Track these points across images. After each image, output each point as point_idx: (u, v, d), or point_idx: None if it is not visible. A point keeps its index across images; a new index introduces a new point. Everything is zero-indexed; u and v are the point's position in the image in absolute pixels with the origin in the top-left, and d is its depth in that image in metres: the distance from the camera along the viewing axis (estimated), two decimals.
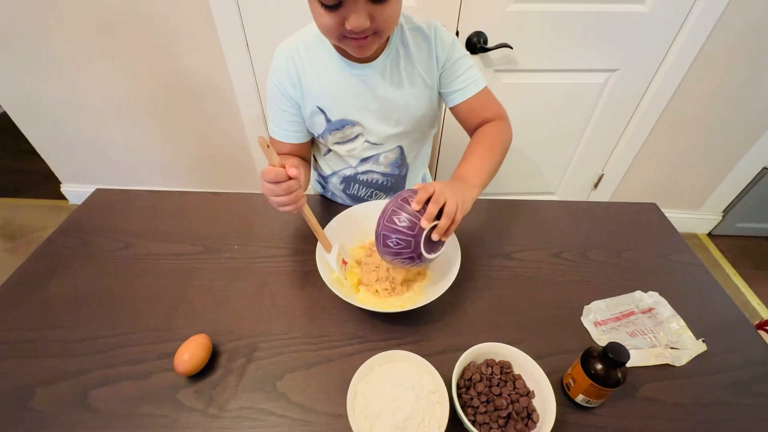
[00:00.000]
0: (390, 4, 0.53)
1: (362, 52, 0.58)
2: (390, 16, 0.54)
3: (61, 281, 0.64)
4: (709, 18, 1.13)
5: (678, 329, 0.58)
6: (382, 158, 0.76)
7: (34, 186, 1.96)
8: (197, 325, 0.57)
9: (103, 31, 1.26)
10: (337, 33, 0.54)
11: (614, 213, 0.81)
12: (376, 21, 0.52)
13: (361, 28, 0.51)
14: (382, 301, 0.60)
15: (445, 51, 0.68)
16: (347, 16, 0.51)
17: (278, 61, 0.67)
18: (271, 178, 0.52)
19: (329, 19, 0.52)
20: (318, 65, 0.65)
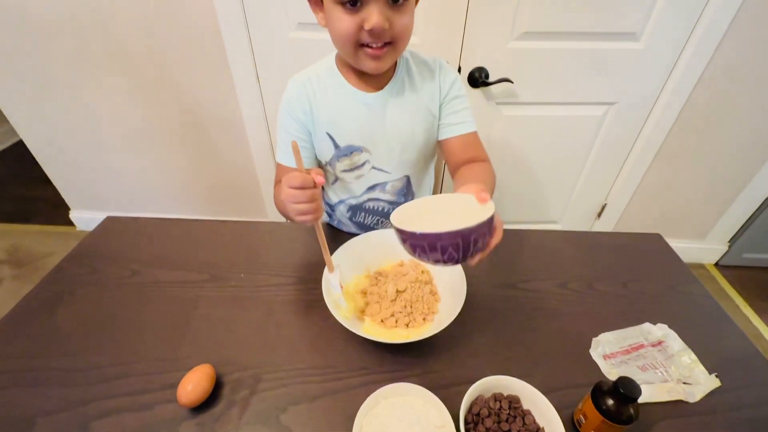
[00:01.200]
0: (407, 12, 0.57)
1: (377, 63, 0.60)
2: (406, 25, 0.58)
3: (68, 308, 0.65)
4: (703, 54, 1.17)
5: (690, 363, 0.57)
6: (389, 186, 0.78)
7: (43, 212, 2.00)
8: (201, 355, 0.57)
9: (121, 65, 1.32)
10: (355, 39, 0.57)
11: (619, 243, 0.81)
12: (393, 28, 0.56)
13: (380, 27, 0.54)
14: (387, 332, 0.60)
15: (448, 85, 0.72)
16: (367, 18, 0.54)
17: (291, 89, 0.71)
18: (297, 184, 0.51)
19: (349, 21, 0.55)
20: (328, 94, 0.69)
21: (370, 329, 0.60)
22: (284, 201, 0.54)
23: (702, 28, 1.12)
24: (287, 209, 0.55)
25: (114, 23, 1.23)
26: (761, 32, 1.13)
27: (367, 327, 0.61)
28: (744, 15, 1.10)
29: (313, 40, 1.18)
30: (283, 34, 1.19)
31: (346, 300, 0.62)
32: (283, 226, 0.84)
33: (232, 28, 1.19)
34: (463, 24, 1.12)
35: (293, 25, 1.17)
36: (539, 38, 1.15)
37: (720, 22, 1.11)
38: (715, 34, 1.13)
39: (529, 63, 1.19)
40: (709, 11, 1.10)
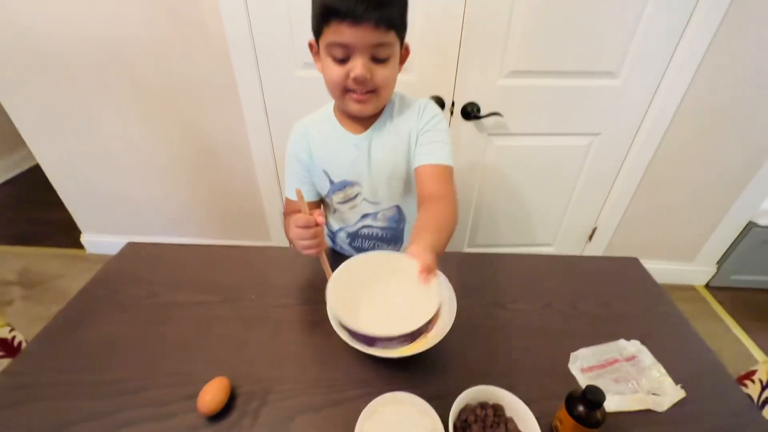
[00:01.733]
0: (387, 67, 0.66)
1: (361, 107, 0.70)
2: (386, 77, 0.66)
3: (93, 327, 0.71)
4: (678, 90, 1.27)
5: (659, 376, 0.62)
6: (380, 215, 0.85)
7: (55, 235, 2.07)
8: (216, 369, 0.63)
9: (138, 96, 1.42)
10: (343, 85, 0.66)
11: (600, 267, 0.88)
12: (374, 78, 0.65)
13: (363, 76, 0.63)
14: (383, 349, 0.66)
15: (426, 119, 0.76)
16: (353, 68, 0.63)
17: (295, 133, 0.81)
18: (302, 224, 0.61)
19: (338, 71, 0.65)
20: (324, 137, 0.79)
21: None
22: (292, 238, 0.64)
23: (675, 66, 1.23)
24: (295, 244, 0.65)
25: (133, 58, 1.34)
26: (730, 70, 1.23)
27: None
28: (712, 55, 1.20)
29: (317, 78, 1.24)
30: (290, 72, 1.30)
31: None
32: (290, 251, 0.91)
33: (244, 66, 1.30)
34: (456, 63, 1.23)
35: (300, 64, 1.28)
36: (525, 76, 1.25)
37: (691, 61, 1.21)
38: (687, 71, 1.23)
39: (517, 98, 1.30)
40: (680, 52, 1.20)
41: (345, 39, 0.61)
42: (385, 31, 0.61)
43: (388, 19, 0.61)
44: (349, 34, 0.60)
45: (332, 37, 0.62)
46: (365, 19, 0.59)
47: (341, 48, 0.62)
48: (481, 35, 1.18)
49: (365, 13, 0.58)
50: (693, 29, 1.16)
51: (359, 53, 0.63)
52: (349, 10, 0.58)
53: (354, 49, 0.62)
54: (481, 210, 1.59)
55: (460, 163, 1.44)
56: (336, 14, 0.59)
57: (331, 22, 0.60)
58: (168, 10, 1.23)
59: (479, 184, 1.51)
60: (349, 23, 0.59)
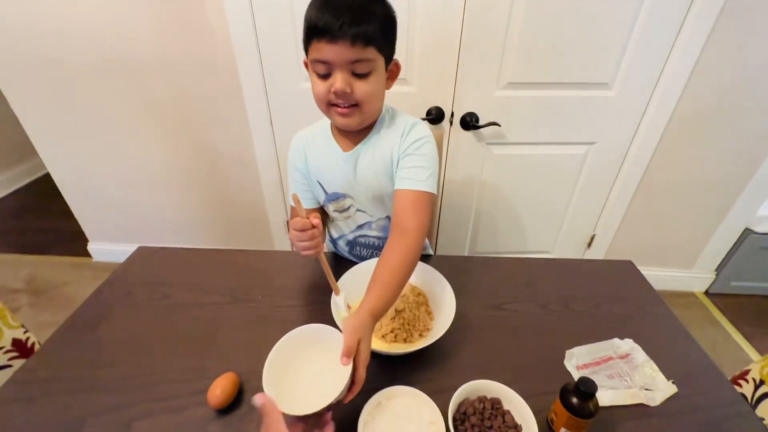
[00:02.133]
0: (369, 82, 0.68)
1: (345, 121, 0.71)
2: (368, 92, 0.68)
3: (108, 326, 0.74)
4: (671, 97, 1.31)
5: (651, 373, 0.65)
6: (374, 225, 0.89)
7: (62, 244, 2.10)
8: (225, 366, 0.65)
9: (148, 108, 1.47)
10: (326, 99, 0.70)
11: (595, 270, 0.91)
12: (355, 93, 0.68)
13: (342, 91, 0.66)
14: (387, 346, 0.69)
15: (410, 142, 0.76)
16: (334, 82, 0.67)
17: (294, 144, 0.86)
18: (298, 227, 0.64)
19: (322, 86, 0.68)
20: (318, 150, 0.82)
21: (372, 344, 0.69)
22: (291, 240, 0.67)
23: (667, 76, 1.27)
24: (295, 246, 0.69)
25: (144, 71, 1.39)
26: (721, 78, 1.27)
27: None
28: (704, 64, 1.24)
29: None
30: (294, 85, 1.35)
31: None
32: (294, 255, 0.94)
33: (251, 79, 1.35)
34: (455, 75, 1.28)
35: (304, 77, 1.33)
36: (522, 87, 1.30)
37: (683, 71, 1.25)
38: (679, 81, 1.27)
39: (515, 108, 1.34)
40: (672, 62, 1.24)
41: (324, 56, 0.65)
42: (363, 48, 0.64)
43: (364, 35, 0.63)
44: (327, 50, 0.64)
45: (314, 54, 0.66)
46: (341, 35, 0.62)
47: (322, 64, 0.66)
48: (478, 48, 1.23)
49: (341, 30, 0.62)
50: (684, 39, 1.20)
51: (339, 69, 0.66)
52: (326, 28, 0.62)
53: (334, 65, 0.66)
54: (481, 218, 1.62)
55: (459, 172, 1.49)
56: (316, 32, 0.63)
57: (312, 40, 0.65)
58: (178, 25, 1.29)
59: (478, 192, 1.54)
60: (327, 40, 0.63)
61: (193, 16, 1.27)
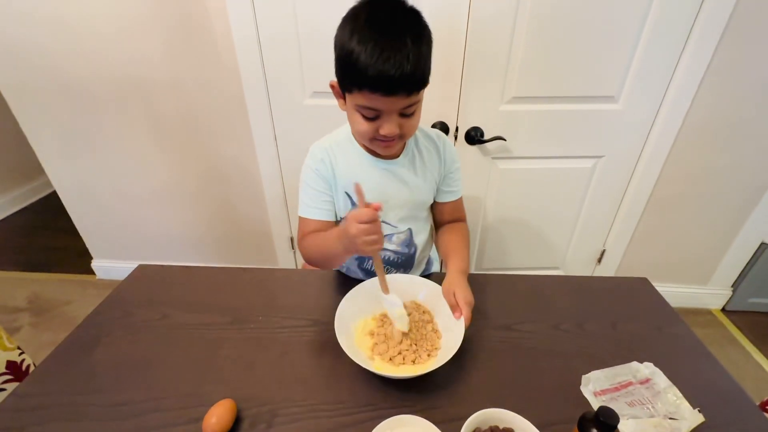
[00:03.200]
0: (415, 117, 0.69)
1: (388, 151, 0.75)
2: (414, 125, 0.71)
3: (104, 348, 0.71)
4: (680, 109, 1.29)
5: (675, 400, 0.61)
6: (395, 238, 0.87)
7: (66, 261, 2.10)
8: (224, 391, 0.62)
9: (154, 125, 1.48)
10: (370, 137, 0.70)
11: (609, 287, 0.87)
12: (403, 129, 0.68)
13: (393, 135, 0.67)
14: (395, 368, 0.65)
15: (450, 160, 0.86)
16: (382, 125, 0.67)
17: (317, 153, 0.81)
18: (367, 218, 0.59)
19: (367, 126, 0.68)
20: (348, 159, 0.80)
21: (379, 367, 0.65)
22: (355, 236, 0.61)
23: (674, 88, 1.25)
24: (356, 244, 0.62)
25: (151, 89, 1.40)
26: (731, 89, 1.25)
27: (377, 365, 0.66)
28: (712, 75, 1.23)
29: (325, 106, 1.33)
30: (299, 101, 1.35)
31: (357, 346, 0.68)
32: (297, 273, 0.92)
33: (256, 96, 1.35)
34: (459, 90, 1.27)
35: (308, 93, 1.33)
36: (526, 102, 1.29)
37: (690, 83, 1.24)
38: (687, 93, 1.26)
39: (520, 122, 1.33)
40: (679, 73, 1.23)
41: (375, 105, 0.64)
42: (417, 93, 0.65)
43: (421, 84, 0.64)
44: (379, 102, 0.63)
45: (363, 101, 0.64)
46: (398, 90, 0.62)
47: (371, 111, 0.65)
48: (482, 63, 1.22)
49: (398, 86, 0.61)
50: (690, 51, 1.19)
51: (389, 115, 0.66)
52: (382, 84, 0.61)
53: (384, 111, 0.65)
54: (488, 233, 1.59)
55: (465, 187, 1.45)
56: (367, 83, 0.61)
57: (362, 90, 0.63)
58: (187, 46, 1.31)
59: (485, 207, 1.52)
60: (382, 94, 0.62)
61: (202, 38, 1.29)
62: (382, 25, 0.60)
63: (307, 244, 0.80)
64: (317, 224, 0.82)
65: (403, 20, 0.63)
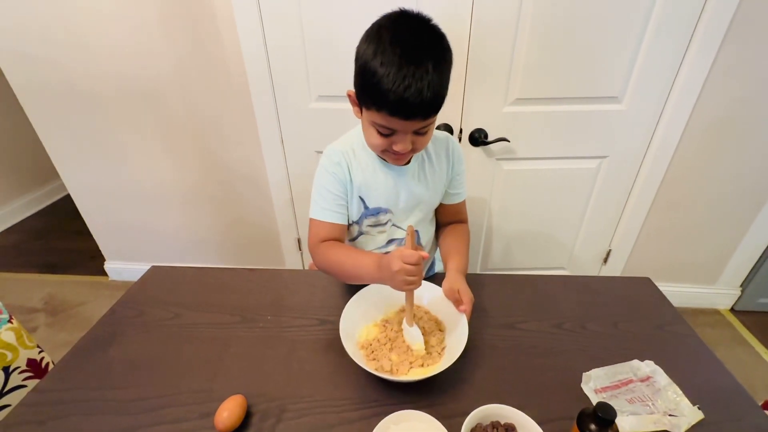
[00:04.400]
0: (428, 135, 0.71)
1: (399, 162, 0.78)
2: (426, 142, 0.73)
3: (119, 347, 0.74)
4: (684, 109, 1.28)
5: (675, 397, 0.61)
6: (404, 242, 0.89)
7: (80, 263, 2.15)
8: (234, 388, 0.65)
9: (164, 130, 1.51)
10: (382, 149, 0.72)
11: (611, 287, 0.88)
12: (415, 145, 0.71)
13: (405, 151, 0.69)
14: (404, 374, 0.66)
15: (457, 163, 0.89)
16: (396, 142, 0.69)
17: (333, 156, 0.81)
18: (415, 261, 0.62)
19: (381, 141, 0.70)
20: (362, 165, 0.81)
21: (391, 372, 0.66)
22: (396, 272, 0.63)
23: (679, 88, 1.25)
24: (394, 280, 0.65)
25: (160, 94, 1.43)
26: (736, 87, 1.25)
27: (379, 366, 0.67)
28: (717, 73, 1.22)
29: (331, 110, 1.35)
30: (305, 105, 1.37)
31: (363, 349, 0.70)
32: (303, 274, 0.94)
33: (263, 101, 1.38)
34: (462, 92, 1.28)
35: (314, 97, 1.35)
36: (530, 103, 1.30)
37: (695, 82, 1.23)
38: (691, 92, 1.25)
39: (523, 124, 1.33)
40: (682, 75, 1.23)
41: (392, 126, 0.66)
42: (433, 116, 0.67)
43: (438, 107, 0.65)
44: (397, 124, 0.65)
45: (380, 120, 0.66)
46: (418, 115, 0.64)
47: (387, 129, 0.67)
48: (485, 65, 1.23)
49: (418, 111, 0.63)
50: (694, 51, 1.19)
51: (403, 134, 0.68)
52: (403, 110, 0.62)
53: (399, 131, 0.67)
54: (492, 234, 1.60)
55: (469, 189, 1.45)
56: (387, 106, 0.62)
57: (381, 110, 0.64)
58: (192, 49, 1.34)
59: (489, 208, 1.53)
60: (400, 117, 0.64)
61: (210, 42, 1.32)
62: (405, 48, 0.60)
63: (327, 253, 0.78)
64: (331, 228, 0.81)
65: (427, 43, 0.63)
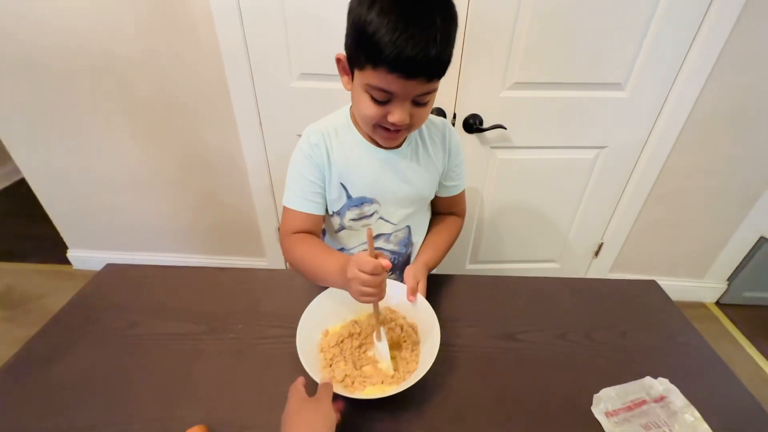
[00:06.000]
0: (427, 107, 0.62)
1: (390, 142, 0.67)
2: (424, 116, 0.64)
3: (63, 363, 0.64)
4: (686, 102, 1.23)
5: (693, 421, 0.56)
6: (393, 237, 0.80)
7: (40, 251, 1.99)
8: (197, 414, 0.56)
9: (129, 109, 1.37)
10: (375, 122, 0.62)
11: (615, 291, 0.82)
12: (412, 119, 0.61)
13: (403, 123, 0.59)
14: (380, 389, 0.59)
15: (454, 151, 0.79)
16: (392, 111, 0.59)
17: (311, 137, 0.71)
18: (370, 270, 0.53)
19: (375, 110, 0.60)
20: (345, 147, 0.71)
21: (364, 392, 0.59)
22: (350, 280, 0.55)
23: (683, 78, 1.19)
24: (350, 288, 0.57)
25: (123, 68, 1.29)
26: (741, 80, 1.19)
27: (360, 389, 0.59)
28: (722, 65, 1.16)
29: (314, 89, 1.23)
30: (285, 83, 1.25)
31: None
32: (281, 274, 0.85)
33: (238, 77, 1.25)
34: (457, 75, 1.18)
35: (296, 75, 1.23)
36: (529, 88, 1.21)
37: (700, 72, 1.17)
38: (696, 82, 1.19)
39: (521, 110, 1.25)
40: (688, 63, 1.16)
41: (390, 88, 0.56)
42: (436, 81, 0.57)
43: (443, 69, 0.56)
44: (395, 84, 0.55)
45: (376, 81, 0.56)
46: (419, 74, 0.54)
47: (384, 93, 0.57)
48: (483, 46, 1.13)
49: (420, 69, 0.53)
50: (702, 38, 1.12)
51: (401, 101, 0.58)
52: (404, 65, 0.52)
53: (397, 96, 0.57)
54: (484, 225, 1.53)
55: None
56: (384, 62, 0.53)
57: (377, 67, 0.54)
58: (159, 19, 1.19)
59: (482, 198, 1.45)
60: (399, 76, 0.54)
61: (177, 9, 1.17)
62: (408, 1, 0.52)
63: (294, 249, 0.71)
64: (304, 218, 0.73)
65: None
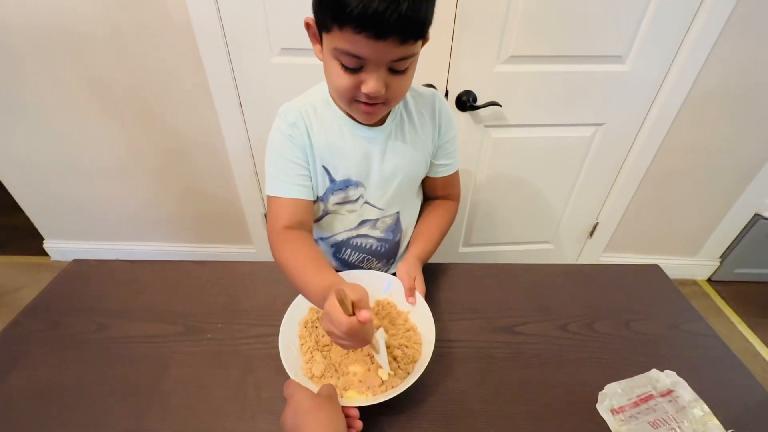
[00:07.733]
0: (406, 77, 0.55)
1: (369, 118, 0.60)
2: (403, 88, 0.57)
3: (23, 372, 0.58)
4: (688, 76, 1.18)
5: (702, 416, 0.53)
6: (380, 223, 0.75)
7: (15, 242, 1.89)
8: (171, 426, 0.51)
9: (96, 91, 1.27)
10: (350, 96, 0.55)
11: (616, 277, 0.78)
12: (390, 90, 0.54)
13: (378, 93, 0.52)
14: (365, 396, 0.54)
15: (445, 126, 0.72)
16: (365, 81, 0.52)
17: (289, 117, 0.64)
18: (345, 332, 0.45)
19: (347, 80, 0.53)
20: (325, 126, 0.65)
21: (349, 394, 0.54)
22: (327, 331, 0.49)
23: (685, 51, 1.13)
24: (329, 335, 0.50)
25: (89, 50, 1.18)
26: (742, 55, 1.15)
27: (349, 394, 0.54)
28: (726, 40, 1.11)
29: (297, 65, 1.15)
30: (265, 60, 1.16)
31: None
32: (265, 267, 0.79)
33: (213, 54, 1.15)
34: (449, 48, 1.10)
35: (276, 50, 1.14)
36: (525, 62, 1.14)
37: (703, 45, 1.12)
38: (698, 58, 1.14)
39: (517, 86, 1.18)
40: (691, 35, 1.10)
41: (360, 52, 0.49)
42: (412, 44, 0.49)
43: (419, 29, 0.48)
44: (366, 47, 0.48)
45: (343, 44, 0.49)
46: (391, 33, 0.46)
47: (353, 58, 0.50)
48: (477, 17, 1.05)
49: (392, 27, 0.45)
50: (706, 10, 1.06)
51: (375, 67, 0.51)
52: (372, 22, 0.45)
53: (369, 61, 0.50)
54: (477, 206, 1.48)
55: None
56: (351, 20, 0.45)
57: (344, 27, 0.47)
58: None
59: (475, 179, 1.40)
60: (369, 36, 0.46)
61: None
62: None
63: (283, 252, 0.62)
64: (294, 206, 0.64)
65: None
